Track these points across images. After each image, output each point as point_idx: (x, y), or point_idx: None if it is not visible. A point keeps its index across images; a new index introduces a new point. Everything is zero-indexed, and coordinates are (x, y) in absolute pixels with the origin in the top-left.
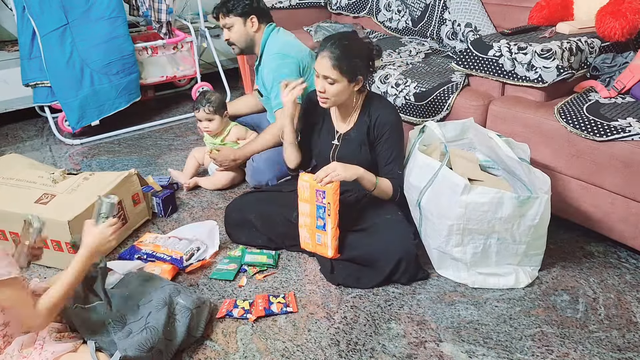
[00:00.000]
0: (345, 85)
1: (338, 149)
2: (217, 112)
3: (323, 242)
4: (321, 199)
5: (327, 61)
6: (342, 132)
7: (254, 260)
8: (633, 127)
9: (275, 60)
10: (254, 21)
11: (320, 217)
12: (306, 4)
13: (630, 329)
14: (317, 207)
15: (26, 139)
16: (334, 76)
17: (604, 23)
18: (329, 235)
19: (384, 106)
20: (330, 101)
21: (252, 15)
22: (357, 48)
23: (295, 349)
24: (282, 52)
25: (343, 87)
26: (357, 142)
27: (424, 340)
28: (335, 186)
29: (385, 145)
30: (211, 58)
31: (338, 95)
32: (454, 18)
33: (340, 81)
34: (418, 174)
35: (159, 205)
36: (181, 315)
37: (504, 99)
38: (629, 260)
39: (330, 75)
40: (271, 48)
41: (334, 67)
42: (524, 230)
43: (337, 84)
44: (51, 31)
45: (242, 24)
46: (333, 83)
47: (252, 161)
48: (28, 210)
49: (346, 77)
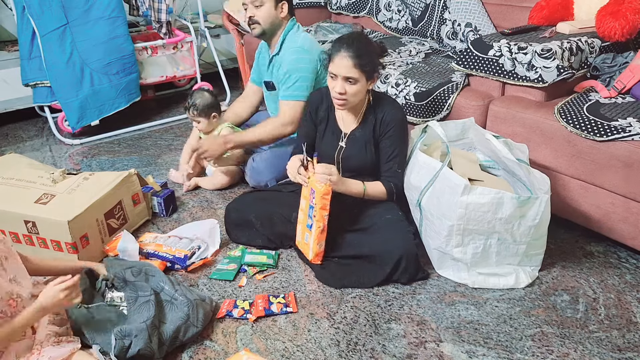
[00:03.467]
0: (364, 84)
1: (344, 150)
2: (202, 115)
3: (308, 242)
4: (312, 198)
5: (347, 61)
6: (348, 132)
7: (253, 261)
8: (633, 127)
9: (296, 54)
10: (285, 8)
11: (309, 216)
12: (306, 4)
13: (630, 329)
14: (310, 206)
15: (26, 139)
16: (356, 75)
17: (604, 23)
18: (312, 237)
19: (390, 104)
20: (350, 102)
21: (284, 2)
22: (371, 45)
23: (295, 349)
24: (303, 47)
25: (362, 86)
26: (363, 142)
27: (424, 341)
28: (325, 190)
29: (387, 142)
30: (211, 58)
31: (357, 95)
32: (454, 18)
33: (360, 80)
34: (419, 174)
35: (160, 204)
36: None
37: (504, 99)
38: (629, 260)
39: (353, 75)
40: (293, 40)
41: (355, 66)
42: (524, 230)
43: (357, 83)
44: (51, 31)
45: (273, 6)
46: (354, 83)
47: (252, 161)
48: (28, 210)
49: (365, 75)
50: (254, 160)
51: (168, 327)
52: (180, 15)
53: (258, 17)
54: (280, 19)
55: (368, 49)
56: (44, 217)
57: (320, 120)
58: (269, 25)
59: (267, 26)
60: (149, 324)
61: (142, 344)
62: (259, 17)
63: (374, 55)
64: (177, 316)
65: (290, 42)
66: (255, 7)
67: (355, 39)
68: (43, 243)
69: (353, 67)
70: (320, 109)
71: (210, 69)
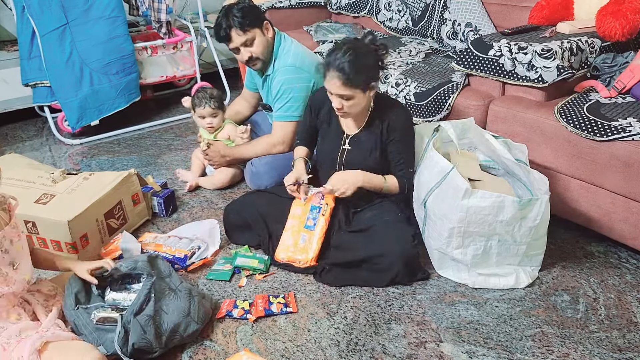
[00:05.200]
0: (361, 97)
1: (347, 152)
2: (220, 108)
3: (307, 243)
4: (319, 199)
5: (335, 81)
6: (351, 134)
7: (244, 264)
8: (633, 127)
9: (286, 74)
10: (269, 27)
11: (310, 218)
12: (306, 4)
13: (630, 329)
14: (312, 207)
15: (26, 139)
16: (348, 92)
17: (604, 23)
18: (316, 236)
19: (397, 108)
20: (350, 113)
21: (265, 21)
22: (363, 55)
23: (295, 349)
24: (295, 65)
25: (359, 99)
26: (368, 147)
27: (424, 341)
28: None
29: (395, 147)
30: (211, 58)
31: (355, 106)
32: (454, 18)
33: (355, 95)
34: (430, 174)
35: (160, 204)
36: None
37: (504, 99)
38: (629, 260)
39: (344, 92)
40: (284, 59)
41: (345, 85)
42: (524, 231)
43: (353, 99)
44: (51, 31)
45: (262, 34)
46: (349, 98)
47: (252, 165)
48: (28, 210)
49: (359, 88)
50: (254, 165)
51: (169, 318)
52: (180, 15)
53: (255, 52)
54: (270, 39)
55: (360, 63)
56: (43, 217)
57: (321, 121)
58: (267, 53)
59: (265, 56)
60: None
61: (136, 337)
62: (257, 52)
63: (368, 67)
64: (180, 306)
65: (282, 61)
66: (247, 46)
67: (345, 53)
68: (43, 243)
69: (343, 85)
70: (322, 110)
71: (210, 69)
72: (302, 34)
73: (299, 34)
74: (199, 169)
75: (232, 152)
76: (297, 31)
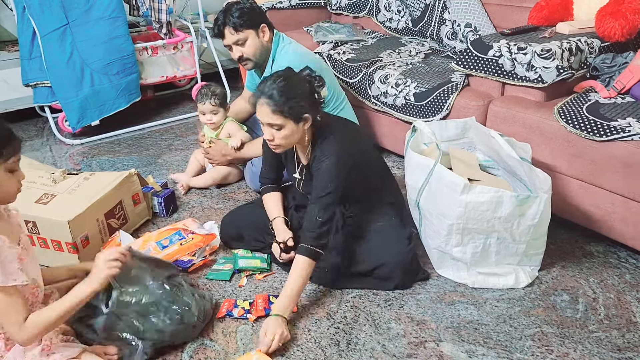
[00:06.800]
0: (293, 128)
1: (302, 182)
2: (222, 105)
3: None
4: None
5: (265, 108)
6: (304, 163)
7: (247, 265)
8: (633, 127)
9: None
10: (265, 31)
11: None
12: (306, 4)
13: (630, 328)
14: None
15: (26, 139)
16: (278, 122)
17: (603, 23)
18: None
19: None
20: (282, 146)
21: (262, 24)
22: (295, 85)
23: (295, 349)
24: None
25: (291, 130)
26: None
27: (424, 340)
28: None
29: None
30: (211, 58)
31: (288, 138)
32: (454, 18)
33: (286, 125)
34: (414, 174)
35: (160, 205)
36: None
37: (503, 99)
38: (629, 260)
39: (274, 121)
40: (282, 59)
41: (274, 113)
42: (523, 229)
43: (283, 129)
44: (51, 31)
45: (256, 36)
46: (280, 129)
47: (252, 165)
48: (28, 210)
49: (291, 119)
50: (253, 165)
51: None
52: (181, 16)
53: (246, 53)
54: (266, 43)
55: (290, 91)
56: (44, 217)
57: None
58: (260, 56)
59: (259, 58)
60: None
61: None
62: (248, 53)
63: (299, 96)
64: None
65: (279, 62)
66: (240, 45)
67: (275, 80)
68: (44, 243)
69: (272, 113)
70: None
71: (210, 69)
72: (302, 35)
73: (299, 34)
74: (194, 170)
75: (233, 152)
76: (297, 31)
